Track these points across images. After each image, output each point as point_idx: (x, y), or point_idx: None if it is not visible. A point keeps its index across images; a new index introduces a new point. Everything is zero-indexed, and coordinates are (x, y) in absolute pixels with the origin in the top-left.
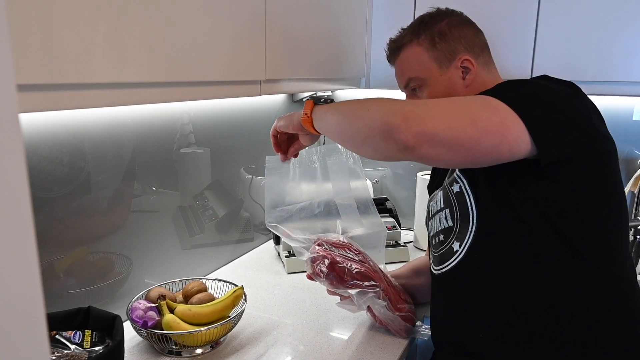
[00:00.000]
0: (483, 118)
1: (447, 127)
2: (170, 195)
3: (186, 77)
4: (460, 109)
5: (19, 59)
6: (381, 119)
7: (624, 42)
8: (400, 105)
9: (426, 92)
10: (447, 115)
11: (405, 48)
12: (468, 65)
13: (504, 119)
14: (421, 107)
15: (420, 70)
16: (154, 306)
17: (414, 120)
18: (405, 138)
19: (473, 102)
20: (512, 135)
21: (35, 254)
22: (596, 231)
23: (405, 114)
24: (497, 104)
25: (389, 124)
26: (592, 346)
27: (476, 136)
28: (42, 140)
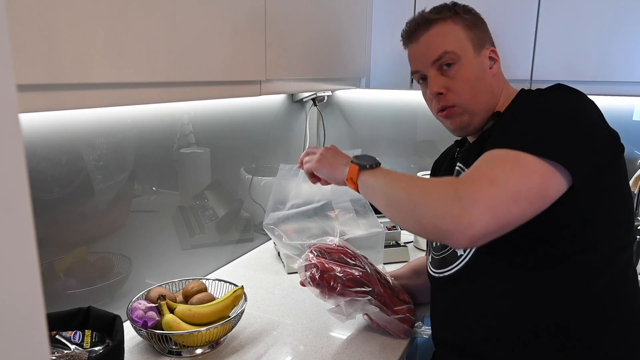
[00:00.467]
0: (523, 191)
1: (496, 219)
2: (170, 195)
3: (186, 77)
4: (502, 189)
5: (19, 59)
6: (431, 223)
7: (624, 42)
8: (444, 202)
9: (460, 70)
10: (493, 204)
11: (441, 22)
12: (494, 56)
13: (540, 180)
14: (466, 201)
15: (457, 46)
16: (154, 306)
17: (464, 224)
18: (459, 243)
19: (510, 172)
20: (553, 190)
21: (35, 254)
22: (602, 230)
23: (454, 217)
24: (527, 163)
25: (441, 230)
26: (594, 346)
27: (522, 211)
28: (42, 141)
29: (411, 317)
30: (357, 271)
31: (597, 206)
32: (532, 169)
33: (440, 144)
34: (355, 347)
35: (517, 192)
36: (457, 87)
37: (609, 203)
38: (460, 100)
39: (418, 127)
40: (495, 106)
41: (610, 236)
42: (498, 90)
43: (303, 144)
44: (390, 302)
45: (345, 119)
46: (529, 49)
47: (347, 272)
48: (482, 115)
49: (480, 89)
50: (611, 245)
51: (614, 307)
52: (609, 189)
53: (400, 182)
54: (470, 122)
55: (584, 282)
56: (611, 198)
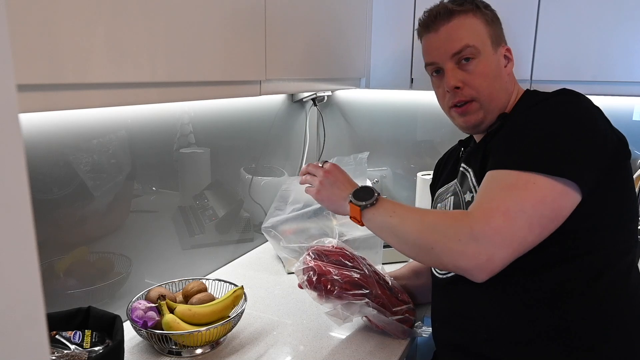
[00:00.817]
0: (537, 217)
1: (512, 250)
2: (170, 195)
3: (186, 77)
4: (516, 221)
5: (19, 59)
6: (451, 262)
7: (624, 42)
8: (461, 243)
9: (479, 66)
10: (509, 238)
11: (463, 15)
12: (509, 55)
13: (553, 204)
14: (482, 240)
15: (478, 41)
16: (154, 306)
17: (483, 261)
18: (480, 278)
19: (522, 200)
20: (567, 209)
21: (35, 254)
22: (606, 234)
23: (473, 256)
24: (539, 187)
25: (461, 269)
26: (596, 347)
27: (538, 237)
28: (42, 141)
29: (410, 317)
30: (354, 273)
31: (602, 211)
32: (544, 193)
33: (440, 144)
34: (355, 347)
35: (531, 221)
36: (475, 82)
37: (614, 208)
38: (478, 95)
39: (418, 127)
40: (506, 104)
41: (613, 239)
42: (511, 90)
43: (303, 144)
44: (389, 303)
45: (345, 119)
46: (529, 49)
47: (344, 274)
48: (495, 113)
49: (497, 86)
50: (614, 247)
51: (616, 309)
52: (614, 195)
53: (409, 221)
54: (484, 120)
55: (585, 283)
56: (617, 203)
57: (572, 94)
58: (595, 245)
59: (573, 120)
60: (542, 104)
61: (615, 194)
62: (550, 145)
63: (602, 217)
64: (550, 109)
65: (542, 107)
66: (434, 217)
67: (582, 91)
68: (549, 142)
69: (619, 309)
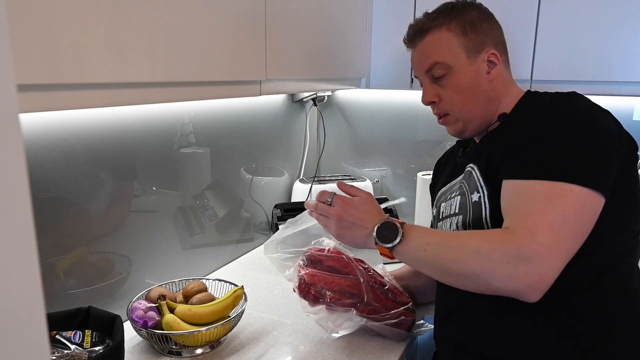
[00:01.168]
0: (580, 226)
1: (562, 262)
2: (170, 195)
3: (186, 77)
4: (563, 234)
5: (19, 59)
6: (502, 287)
7: (624, 42)
8: (510, 266)
9: (451, 80)
10: (559, 252)
11: (433, 31)
12: (494, 59)
13: (591, 210)
14: (533, 259)
15: (448, 56)
16: (154, 306)
17: (535, 280)
18: (534, 298)
19: (564, 211)
20: (597, 213)
21: (35, 254)
22: (607, 235)
23: (525, 277)
24: (576, 196)
25: (514, 291)
26: (599, 347)
27: (580, 244)
28: (42, 141)
29: (408, 318)
30: (347, 281)
31: (607, 213)
32: (582, 200)
33: (440, 144)
34: (355, 347)
35: (576, 231)
36: (448, 97)
37: (619, 209)
38: (452, 109)
39: (418, 127)
40: (494, 110)
41: (615, 240)
42: (496, 95)
43: (303, 144)
44: (384, 307)
45: (346, 119)
46: (529, 49)
47: (335, 282)
48: (477, 121)
49: (473, 97)
50: (616, 248)
51: (617, 309)
52: (620, 197)
53: (447, 250)
54: (465, 129)
55: (588, 283)
56: (621, 205)
57: (583, 98)
58: (598, 245)
59: (592, 126)
60: (555, 108)
61: (621, 196)
62: (577, 154)
63: (607, 219)
64: (567, 113)
65: (556, 110)
66: (475, 241)
67: (582, 91)
68: (574, 151)
69: (621, 309)
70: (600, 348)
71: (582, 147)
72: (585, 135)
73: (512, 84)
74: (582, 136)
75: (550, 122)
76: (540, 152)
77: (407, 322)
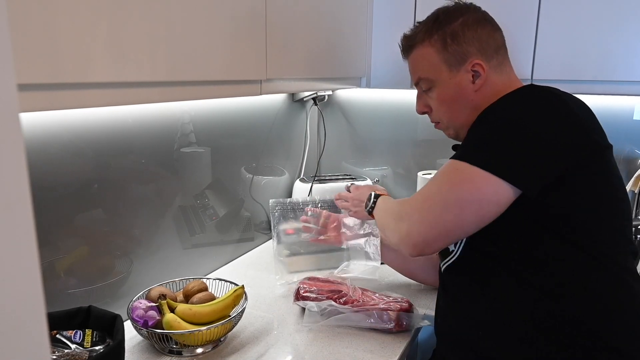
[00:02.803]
0: (452, 199)
1: (430, 228)
2: (170, 194)
3: (187, 77)
4: (433, 200)
5: (19, 58)
6: (391, 240)
7: (624, 42)
8: (394, 220)
9: (435, 93)
10: (425, 215)
11: (417, 47)
12: (479, 69)
13: (470, 186)
14: (404, 215)
15: (430, 72)
16: (154, 305)
17: (404, 235)
18: (407, 252)
19: (441, 183)
20: (489, 194)
21: (35, 254)
22: (596, 228)
23: (397, 230)
24: (464, 172)
25: (395, 245)
26: (595, 345)
27: (456, 218)
28: (43, 140)
29: (398, 306)
30: (336, 286)
31: (590, 209)
32: (463, 176)
33: (441, 144)
34: (356, 345)
35: (446, 201)
36: (435, 108)
37: (596, 202)
38: (441, 119)
39: (419, 126)
40: None
41: (601, 237)
42: (484, 103)
43: (304, 143)
44: (369, 299)
45: (346, 119)
46: (529, 49)
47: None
48: (468, 127)
49: (458, 108)
50: (604, 245)
51: (616, 303)
52: (590, 190)
53: (383, 210)
54: (458, 134)
55: (584, 277)
56: (594, 199)
57: (549, 93)
58: (589, 238)
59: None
60: (509, 101)
61: (592, 187)
62: (490, 143)
63: (586, 213)
64: (514, 106)
65: (506, 103)
66: (393, 205)
67: (583, 91)
68: (490, 141)
69: (618, 303)
70: (598, 342)
71: (502, 138)
72: (507, 126)
73: (509, 85)
74: (503, 127)
75: (491, 113)
76: (466, 140)
77: (395, 309)
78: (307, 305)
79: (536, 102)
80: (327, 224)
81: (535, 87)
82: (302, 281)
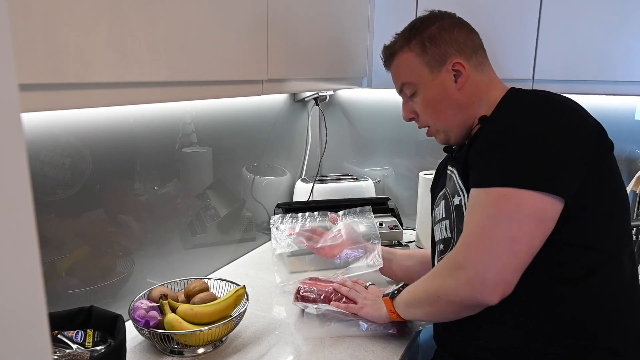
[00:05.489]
0: (516, 227)
1: (500, 264)
2: (172, 194)
3: (188, 77)
4: (490, 232)
5: (21, 58)
6: (459, 298)
7: (626, 42)
8: (452, 275)
9: (420, 96)
10: (494, 253)
11: (397, 54)
12: (459, 68)
13: (534, 207)
14: (467, 263)
15: (412, 76)
16: (156, 306)
17: (479, 284)
18: (490, 300)
19: (497, 213)
20: (548, 211)
21: (37, 254)
22: (597, 229)
23: (467, 282)
24: (516, 197)
25: (468, 299)
26: (593, 345)
27: (530, 244)
28: (44, 140)
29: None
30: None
31: (590, 213)
32: (518, 201)
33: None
34: (357, 346)
35: (514, 231)
36: (421, 112)
37: (599, 200)
38: (429, 122)
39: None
40: (471, 115)
41: (602, 238)
42: (469, 100)
43: (305, 144)
44: None
45: (347, 119)
46: (530, 49)
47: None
48: (456, 129)
49: (443, 108)
50: (604, 247)
51: (615, 308)
52: (596, 188)
53: (420, 286)
54: (449, 137)
55: (583, 286)
56: (600, 195)
57: (553, 98)
58: (586, 240)
59: (550, 130)
60: (517, 111)
61: (597, 188)
62: (522, 159)
63: (587, 212)
64: (526, 118)
65: (516, 116)
66: (432, 271)
67: (583, 91)
68: (520, 157)
69: (618, 308)
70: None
71: (532, 152)
72: (538, 140)
73: (490, 85)
74: (534, 141)
75: (506, 128)
76: (496, 160)
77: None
78: (306, 309)
79: (547, 110)
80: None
81: (533, 93)
82: (302, 281)
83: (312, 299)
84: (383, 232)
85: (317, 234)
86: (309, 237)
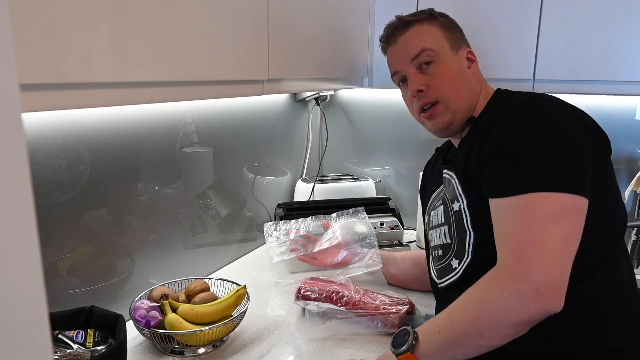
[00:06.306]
0: (559, 227)
1: (558, 266)
2: (172, 194)
3: (189, 77)
4: (540, 238)
5: (21, 58)
6: (527, 316)
7: (626, 42)
8: (511, 294)
9: (439, 67)
10: (544, 258)
11: (419, 23)
12: (471, 57)
13: (567, 211)
14: (523, 276)
15: (435, 44)
16: (156, 305)
17: (544, 292)
18: (558, 305)
19: (542, 218)
20: (577, 210)
21: (37, 254)
22: (597, 230)
23: (533, 294)
24: (552, 201)
25: (538, 312)
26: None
27: (575, 246)
28: (45, 141)
29: (397, 307)
30: (334, 286)
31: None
32: (560, 204)
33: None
34: (358, 346)
35: (561, 232)
36: (437, 84)
37: (599, 202)
38: (442, 96)
39: (421, 126)
40: (475, 104)
41: (601, 239)
42: (478, 89)
43: (306, 144)
44: (366, 302)
45: (348, 119)
46: (531, 49)
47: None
48: (463, 113)
49: (461, 85)
50: (602, 248)
51: (613, 308)
52: (596, 190)
53: (456, 318)
54: (453, 121)
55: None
56: (599, 197)
57: (548, 100)
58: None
59: (559, 132)
60: (521, 115)
61: (596, 189)
62: (553, 162)
63: (587, 213)
64: (533, 122)
65: (522, 120)
66: (474, 294)
67: (584, 91)
68: (550, 160)
69: (616, 308)
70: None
71: (552, 155)
72: (552, 143)
73: (485, 84)
74: (549, 144)
75: (518, 133)
76: (514, 168)
77: (394, 311)
78: (307, 306)
79: (555, 114)
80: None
81: (523, 93)
82: (303, 281)
83: (313, 298)
84: (384, 232)
85: (310, 241)
86: (303, 244)
